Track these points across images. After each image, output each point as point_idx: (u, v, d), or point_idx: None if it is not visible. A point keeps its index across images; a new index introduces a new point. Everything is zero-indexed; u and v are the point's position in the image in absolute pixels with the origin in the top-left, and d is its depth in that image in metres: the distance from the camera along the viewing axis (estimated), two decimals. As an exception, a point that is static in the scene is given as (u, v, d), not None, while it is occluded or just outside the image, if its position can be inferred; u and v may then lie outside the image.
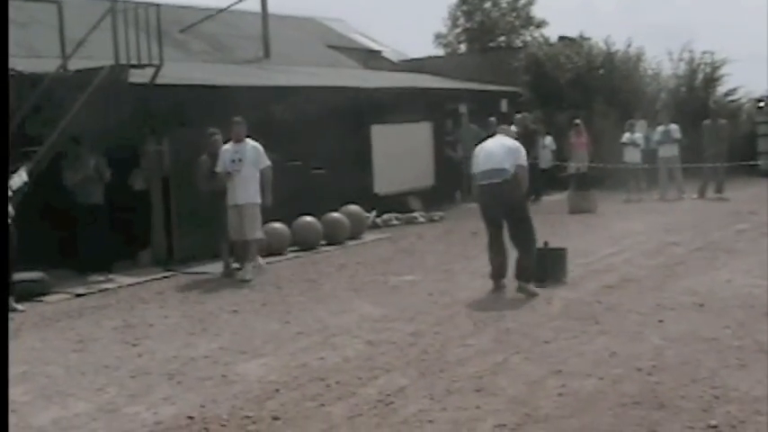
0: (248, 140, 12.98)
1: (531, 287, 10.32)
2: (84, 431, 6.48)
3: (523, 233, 10.66)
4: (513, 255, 10.74)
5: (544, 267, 10.83)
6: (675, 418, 5.96)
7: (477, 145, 11.30)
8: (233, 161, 12.76)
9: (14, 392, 7.52)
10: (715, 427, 5.78)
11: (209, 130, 13.40)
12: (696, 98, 25.68)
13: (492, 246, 10.81)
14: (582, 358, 7.58)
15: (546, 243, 11.22)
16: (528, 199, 11.42)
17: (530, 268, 10.48)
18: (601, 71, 25.23)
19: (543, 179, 22.19)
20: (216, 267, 13.31)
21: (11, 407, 7.10)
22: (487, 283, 10.72)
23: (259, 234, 13.07)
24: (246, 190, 12.77)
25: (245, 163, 12.77)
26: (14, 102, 13.57)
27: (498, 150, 10.76)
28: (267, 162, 13.01)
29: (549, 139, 22.40)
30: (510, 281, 10.59)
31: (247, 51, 22.69)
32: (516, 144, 10.98)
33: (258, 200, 12.83)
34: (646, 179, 21.17)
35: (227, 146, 12.93)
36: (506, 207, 10.62)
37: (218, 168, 12.90)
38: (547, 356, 7.69)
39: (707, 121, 21.39)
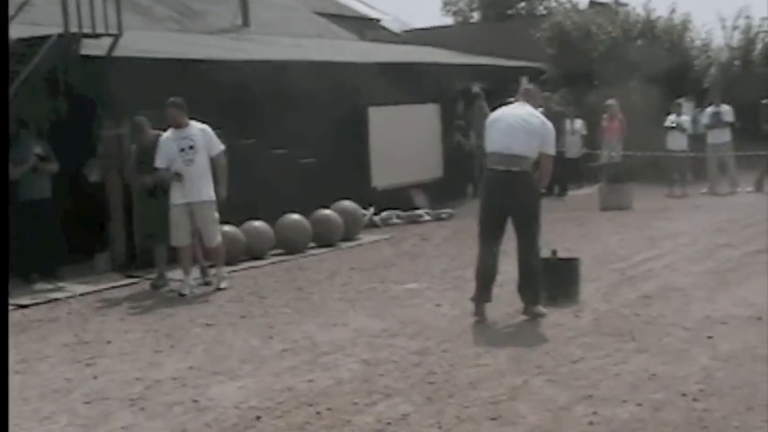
0: (193, 123, 12.58)
1: (540, 308, 9.88)
2: (29, 466, 6.49)
3: (530, 239, 10.01)
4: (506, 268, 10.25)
5: (552, 282, 10.38)
6: (727, 452, 5.98)
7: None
8: (182, 150, 12.35)
9: (-53, 421, 7.54)
10: (773, 461, 5.80)
11: (135, 118, 13.20)
12: (753, 74, 25.65)
13: (485, 252, 10.05)
14: (616, 381, 7.58)
15: (554, 252, 10.87)
16: (543, 196, 10.47)
17: (537, 285, 9.96)
18: (639, 42, 25.24)
19: (571, 170, 22.23)
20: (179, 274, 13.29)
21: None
22: (505, 291, 10.35)
23: (220, 237, 12.84)
24: (201, 185, 12.43)
25: (198, 150, 12.41)
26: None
27: (520, 129, 9.81)
28: (221, 146, 12.67)
29: (579, 123, 22.39)
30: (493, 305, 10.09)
31: (222, 19, 22.71)
32: (544, 122, 10.03)
33: (214, 195, 12.56)
34: (692, 169, 21.18)
35: (167, 133, 12.51)
36: (518, 204, 9.89)
37: (159, 163, 12.45)
38: (575, 378, 7.69)
39: (766, 101, 21.42)
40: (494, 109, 10.63)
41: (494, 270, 10.01)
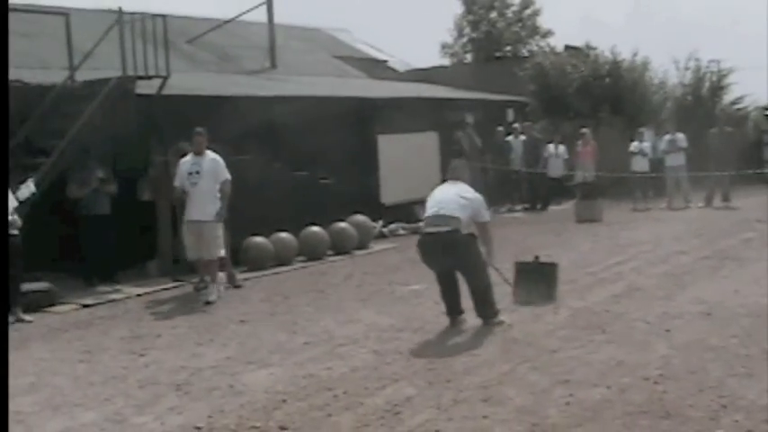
0: (208, 152, 12.35)
1: (498, 319, 9.37)
2: (91, 441, 6.48)
3: (477, 279, 9.35)
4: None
5: (533, 284, 10.31)
6: (683, 428, 5.96)
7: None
8: (190, 174, 12.19)
9: (22, 403, 7.56)
10: (723, 436, 5.79)
11: (179, 145, 13.14)
12: (702, 107, 25.64)
13: (441, 286, 9.61)
14: (589, 367, 7.57)
15: (536, 257, 10.78)
16: (478, 246, 9.43)
17: (489, 304, 9.39)
18: (607, 80, 25.20)
19: (553, 188, 22.22)
20: (222, 277, 13.27)
21: (18, 417, 7.14)
22: (497, 291, 10.00)
23: (221, 252, 12.48)
24: (204, 205, 12.12)
25: (203, 176, 12.17)
26: (22, 113, 13.63)
27: (452, 197, 9.42)
28: (227, 175, 12.33)
29: (561, 148, 22.30)
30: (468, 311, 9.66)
31: (254, 62, 22.75)
32: (475, 196, 9.52)
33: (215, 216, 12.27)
34: (653, 188, 21.16)
35: (187, 158, 12.35)
36: (455, 259, 9.27)
37: (176, 182, 12.35)
38: (554, 366, 7.68)
39: (713, 130, 21.44)
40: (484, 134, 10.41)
41: (455, 290, 9.53)
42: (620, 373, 7.35)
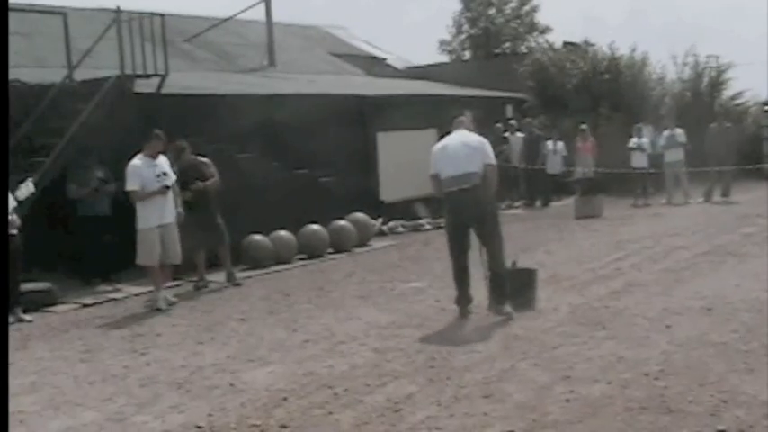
0: (161, 155, 12.07)
1: (508, 308, 9.50)
2: (92, 441, 6.49)
3: (493, 245, 9.68)
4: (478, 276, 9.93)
5: (510, 290, 9.76)
6: (683, 423, 5.96)
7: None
8: (158, 176, 11.85)
9: (23, 402, 7.56)
10: (723, 431, 5.78)
11: (177, 142, 13.02)
12: (701, 102, 25.69)
13: (457, 259, 9.85)
14: (589, 364, 7.58)
15: (514, 263, 10.32)
16: (498, 205, 10.06)
17: (504, 286, 9.61)
18: (606, 76, 25.20)
19: (553, 184, 22.21)
20: (220, 276, 13.28)
21: (19, 417, 7.15)
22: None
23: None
24: (170, 208, 11.97)
25: (169, 178, 11.99)
26: (21, 112, 13.63)
27: (462, 151, 9.70)
28: (174, 177, 12.21)
29: (560, 145, 22.28)
30: (477, 306, 9.84)
31: (252, 60, 22.76)
32: (480, 140, 9.88)
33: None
34: (652, 184, 21.17)
35: (138, 161, 11.80)
36: (477, 214, 9.64)
37: (135, 186, 11.65)
38: (554, 362, 7.69)
39: (712, 125, 21.46)
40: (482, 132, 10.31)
41: (467, 275, 9.83)
42: (620, 368, 7.35)
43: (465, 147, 9.74)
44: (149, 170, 11.83)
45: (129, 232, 11.85)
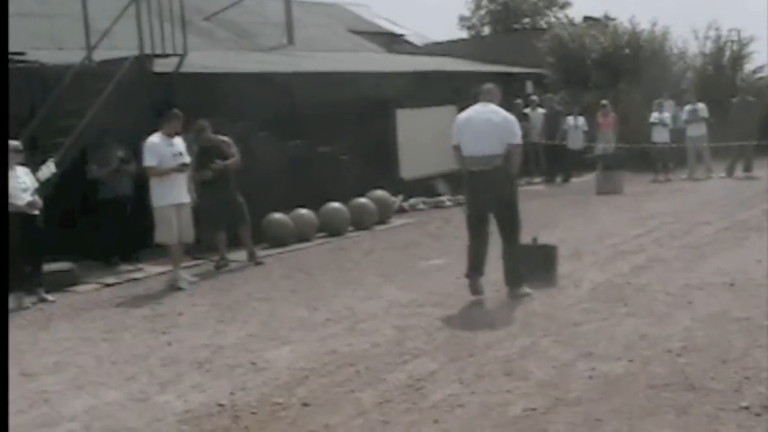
0: (177, 135, 12.14)
1: (524, 289, 9.44)
2: (115, 420, 6.51)
3: (510, 225, 9.53)
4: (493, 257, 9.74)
5: (531, 267, 9.77)
6: (706, 400, 5.93)
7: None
8: (174, 155, 11.89)
9: (46, 382, 7.62)
10: (746, 408, 5.75)
11: (198, 121, 13.03)
12: (723, 76, 25.47)
13: (474, 238, 9.66)
14: (611, 341, 7.55)
15: (534, 239, 10.37)
16: (517, 185, 9.74)
17: (518, 269, 9.51)
18: (626, 51, 25.05)
19: (574, 160, 22.10)
20: (241, 255, 13.29)
21: (43, 396, 7.19)
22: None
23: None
24: (185, 188, 12.06)
25: (185, 158, 12.02)
26: (41, 93, 13.66)
27: (487, 129, 9.41)
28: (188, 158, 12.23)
29: (581, 120, 22.13)
30: (490, 284, 9.69)
31: (271, 38, 22.69)
32: (507, 116, 9.59)
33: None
34: (673, 159, 21.05)
35: (156, 138, 11.84)
36: (496, 198, 9.47)
37: (152, 162, 11.69)
38: (576, 339, 7.67)
39: (735, 99, 21.29)
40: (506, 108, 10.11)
41: (484, 251, 9.62)
42: (642, 345, 7.33)
43: (490, 124, 9.46)
44: (167, 148, 11.86)
45: (150, 212, 11.88)
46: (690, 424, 5.58)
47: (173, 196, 11.84)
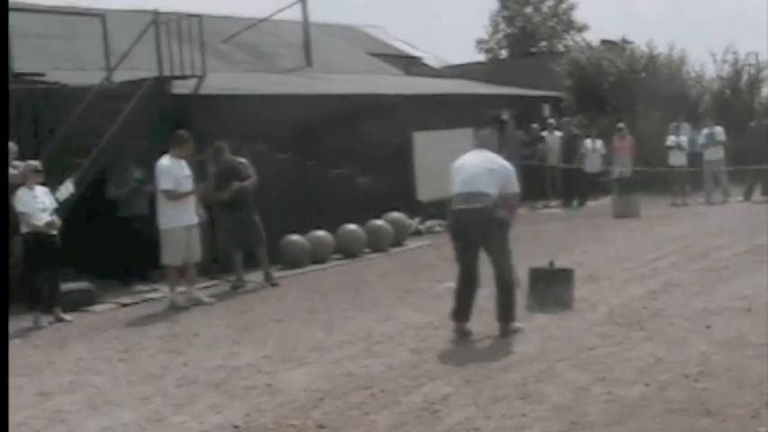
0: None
1: (515, 325, 8.99)
2: (130, 441, 6.52)
3: (500, 265, 9.01)
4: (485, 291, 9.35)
5: (549, 291, 9.85)
6: (723, 426, 5.89)
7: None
8: (185, 178, 12.11)
9: (63, 402, 7.63)
10: (764, 433, 5.72)
11: (216, 142, 13.15)
12: (741, 100, 25.38)
13: (463, 279, 9.17)
14: (628, 365, 7.52)
15: (551, 263, 10.26)
16: (508, 232, 9.06)
17: (511, 306, 9.03)
18: (643, 74, 25.04)
19: (591, 183, 22.07)
20: (258, 276, 13.30)
21: (59, 416, 7.20)
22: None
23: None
24: (193, 210, 12.23)
25: (192, 180, 12.22)
26: (61, 114, 13.73)
27: (481, 171, 9.02)
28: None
29: (599, 143, 22.11)
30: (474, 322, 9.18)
31: (289, 60, 22.78)
32: (504, 165, 9.21)
33: None
34: (691, 182, 21.00)
35: (167, 161, 12.04)
36: (484, 236, 8.96)
37: (170, 185, 11.87)
38: (592, 363, 7.63)
39: (752, 123, 21.25)
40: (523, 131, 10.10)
41: (471, 295, 9.11)
42: (659, 370, 7.29)
43: (482, 166, 9.07)
44: (179, 171, 12.05)
45: (166, 232, 11.95)
46: (706, 449, 5.55)
47: (183, 218, 12.01)
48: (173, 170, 11.98)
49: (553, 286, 9.94)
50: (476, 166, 9.10)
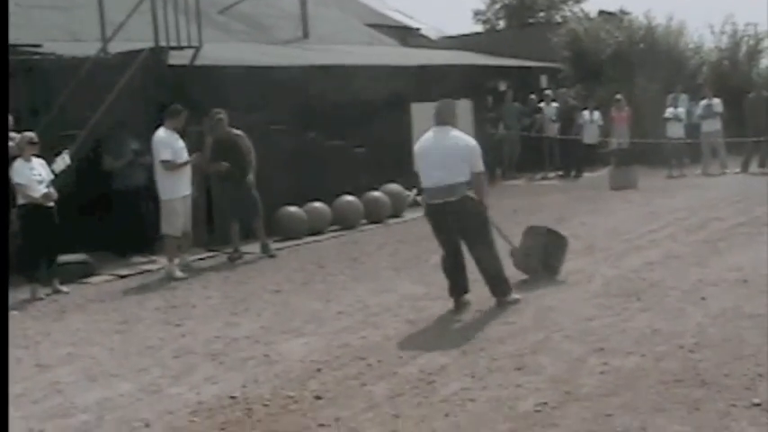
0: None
1: (511, 297, 8.92)
2: (128, 411, 6.54)
3: (483, 250, 8.88)
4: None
5: (541, 253, 9.84)
6: (718, 396, 5.91)
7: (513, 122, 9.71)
8: (181, 149, 12.30)
9: (60, 373, 7.66)
10: (758, 404, 5.72)
11: (214, 111, 13.12)
12: (739, 71, 25.31)
13: (447, 261, 9.09)
14: (624, 336, 7.53)
15: (548, 229, 10.34)
16: (493, 185, 9.06)
17: (501, 281, 8.95)
18: (641, 46, 24.97)
19: (588, 154, 22.05)
20: (255, 247, 13.30)
21: (57, 387, 7.23)
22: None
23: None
24: (188, 180, 12.46)
25: (186, 151, 12.39)
26: (56, 85, 13.69)
27: (448, 159, 8.70)
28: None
29: (596, 114, 22.07)
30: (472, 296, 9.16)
31: (286, 31, 22.67)
32: (467, 143, 8.90)
33: None
34: (688, 154, 20.98)
35: (163, 133, 12.20)
36: (463, 227, 8.85)
37: (168, 156, 12.06)
38: (588, 334, 7.65)
39: (750, 95, 21.19)
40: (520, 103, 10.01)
41: (460, 270, 9.04)
42: (655, 341, 7.31)
43: (446, 152, 8.76)
44: (176, 143, 12.24)
45: (164, 204, 11.95)
46: (701, 420, 5.56)
47: (180, 189, 12.22)
48: (170, 141, 12.15)
49: (546, 251, 9.96)
50: (441, 153, 8.77)
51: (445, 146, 8.82)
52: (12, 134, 11.95)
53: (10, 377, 7.54)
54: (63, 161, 12.13)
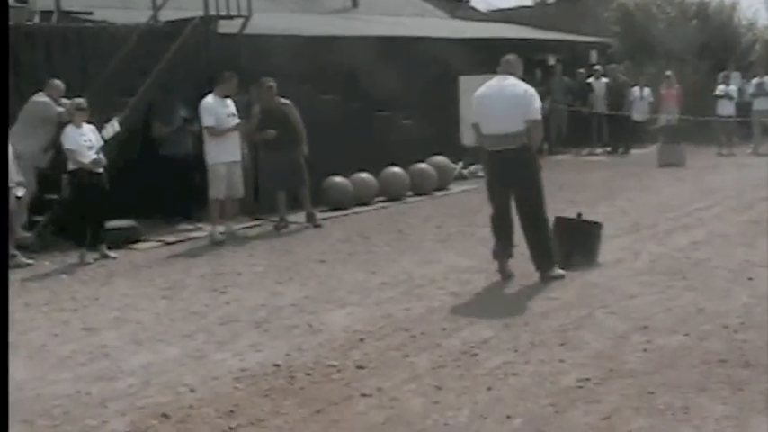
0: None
1: (556, 271, 8.88)
2: (172, 376, 6.60)
3: (533, 209, 8.90)
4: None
5: (572, 245, 9.41)
6: (762, 377, 5.87)
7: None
8: (228, 116, 12.38)
9: (107, 337, 7.75)
10: (803, 386, 5.69)
11: (264, 79, 13.12)
12: (793, 49, 25.01)
13: (497, 220, 9.11)
14: (668, 314, 7.49)
15: (579, 215, 9.88)
16: (540, 160, 8.81)
17: (548, 252, 8.91)
18: (694, 22, 24.68)
19: (637, 131, 21.86)
20: (301, 217, 13.36)
21: (103, 351, 7.32)
22: None
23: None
24: (237, 147, 12.67)
25: (236, 118, 12.50)
26: (107, 53, 13.78)
27: (505, 106, 8.76)
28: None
29: (647, 91, 21.86)
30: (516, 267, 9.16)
31: (335, 1, 22.67)
32: (525, 89, 8.94)
33: None
34: (738, 132, 20.75)
35: (210, 99, 12.34)
36: (518, 179, 8.88)
37: (211, 122, 12.22)
38: (632, 311, 7.62)
39: (804, 73, 20.90)
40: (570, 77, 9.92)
41: (508, 230, 9.08)
42: (699, 320, 7.26)
43: (506, 100, 8.82)
44: (222, 109, 12.33)
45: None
46: (744, 401, 5.53)
47: (227, 155, 12.35)
48: (216, 108, 12.26)
49: (580, 239, 9.59)
50: (502, 101, 8.84)
51: (506, 94, 8.88)
52: (63, 100, 12.12)
53: (58, 340, 7.71)
54: (112, 128, 12.20)
